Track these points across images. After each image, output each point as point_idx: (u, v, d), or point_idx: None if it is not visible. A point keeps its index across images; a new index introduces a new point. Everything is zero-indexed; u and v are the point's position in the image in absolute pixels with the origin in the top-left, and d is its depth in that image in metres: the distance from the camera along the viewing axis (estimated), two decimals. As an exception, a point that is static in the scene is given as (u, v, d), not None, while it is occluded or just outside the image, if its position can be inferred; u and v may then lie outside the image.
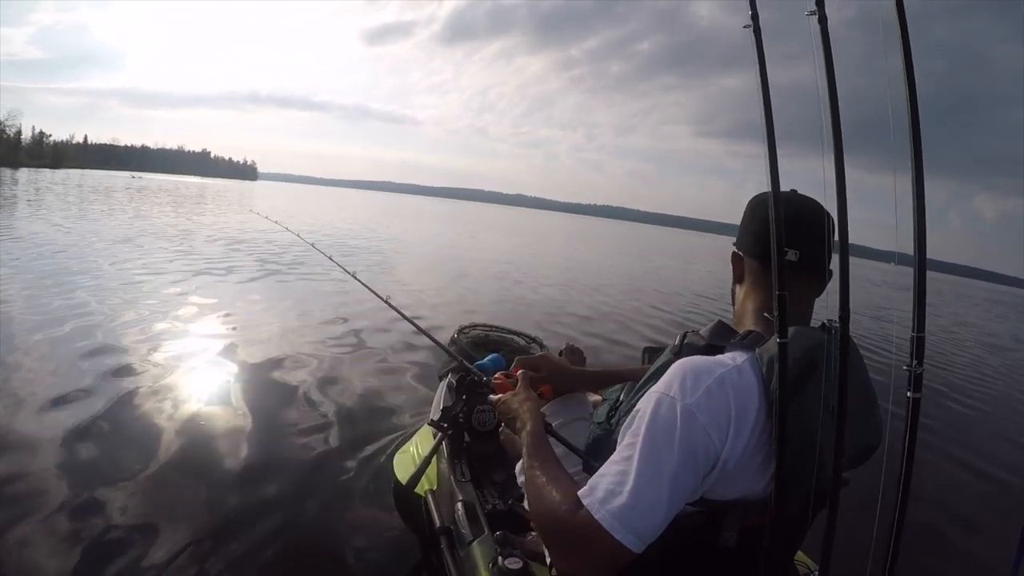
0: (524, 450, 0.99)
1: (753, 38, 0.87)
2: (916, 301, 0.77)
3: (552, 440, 1.06)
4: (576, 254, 17.59)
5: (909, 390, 0.79)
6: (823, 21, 0.80)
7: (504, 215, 66.66)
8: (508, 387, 1.23)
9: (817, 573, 1.16)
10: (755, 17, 0.88)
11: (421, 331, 1.97)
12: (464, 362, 1.66)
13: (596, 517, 0.73)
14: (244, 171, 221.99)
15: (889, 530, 0.85)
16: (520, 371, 1.27)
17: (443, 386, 2.18)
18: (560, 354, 1.60)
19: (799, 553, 1.24)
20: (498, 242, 18.51)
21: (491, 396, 1.22)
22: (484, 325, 2.55)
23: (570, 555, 0.79)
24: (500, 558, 1.25)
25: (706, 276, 15.52)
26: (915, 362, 0.77)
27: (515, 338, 2.46)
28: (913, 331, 0.77)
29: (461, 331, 2.43)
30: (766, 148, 0.85)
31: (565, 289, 8.64)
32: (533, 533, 1.43)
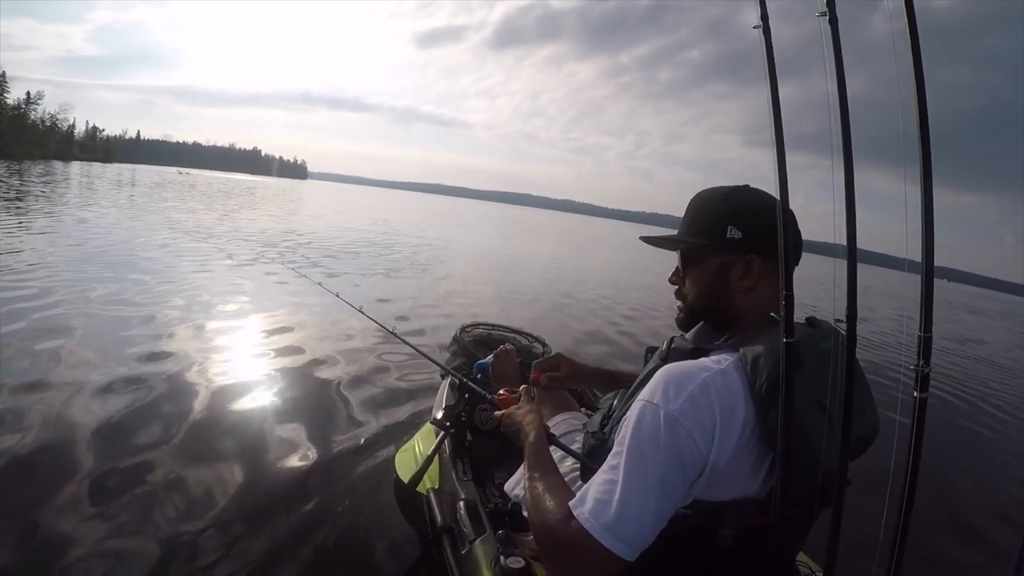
0: (525, 461, 1.01)
1: (762, 39, 0.87)
2: (923, 302, 0.77)
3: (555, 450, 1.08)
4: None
5: (916, 390, 0.79)
6: (834, 23, 0.80)
7: (555, 221, 65.78)
8: (512, 401, 1.27)
9: (820, 574, 1.16)
10: (764, 18, 0.88)
11: (429, 358, 2.06)
12: (469, 383, 1.70)
13: (586, 527, 0.74)
14: (295, 170, 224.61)
15: (894, 531, 0.85)
16: (523, 386, 1.32)
17: (445, 385, 2.18)
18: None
19: (801, 554, 1.24)
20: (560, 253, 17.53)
21: (495, 412, 1.24)
22: (487, 324, 2.55)
23: (565, 566, 0.80)
24: (502, 557, 1.24)
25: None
26: (922, 362, 0.77)
27: (517, 337, 2.46)
28: (920, 331, 0.78)
29: (464, 330, 2.43)
30: (774, 151, 0.85)
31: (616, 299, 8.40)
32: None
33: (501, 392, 1.36)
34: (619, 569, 0.74)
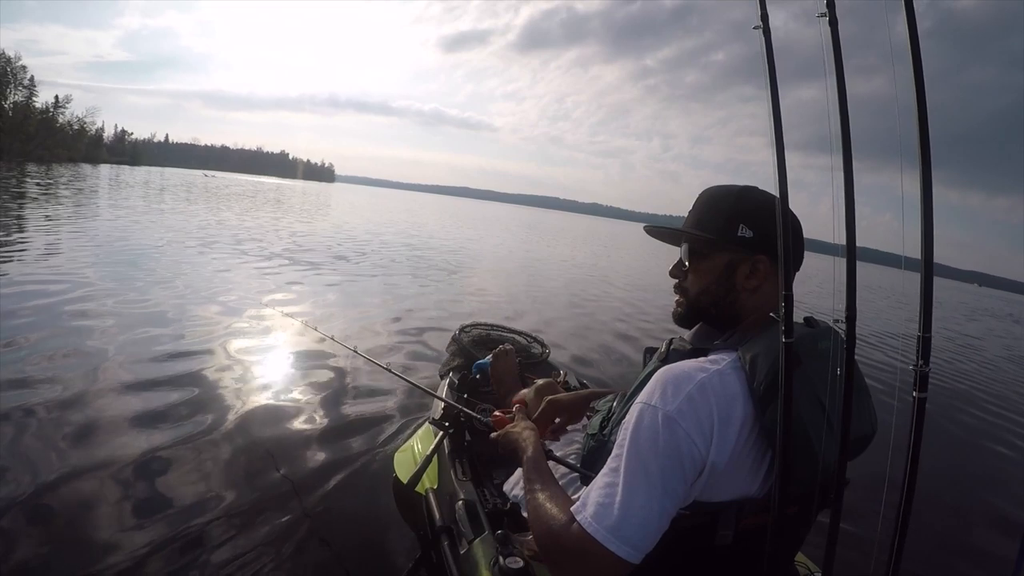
0: (524, 476, 1.00)
1: (762, 39, 0.88)
2: (923, 302, 0.78)
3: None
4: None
5: (915, 389, 0.79)
6: (833, 24, 0.81)
7: (582, 225, 64.20)
8: (507, 421, 1.29)
9: (819, 575, 1.16)
10: (764, 18, 0.88)
11: (420, 388, 1.98)
12: (464, 408, 1.67)
13: (589, 531, 0.74)
14: (322, 173, 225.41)
15: (892, 531, 0.85)
16: (516, 405, 1.34)
17: (444, 385, 2.18)
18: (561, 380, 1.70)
19: (800, 555, 1.24)
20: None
21: (492, 435, 1.26)
22: (485, 324, 2.56)
23: (570, 572, 0.80)
24: (501, 557, 1.24)
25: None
26: (921, 362, 0.77)
27: (516, 337, 2.47)
28: (919, 331, 0.78)
29: (463, 330, 2.43)
30: (774, 152, 0.86)
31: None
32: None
33: (496, 413, 1.39)
34: (625, 572, 0.73)
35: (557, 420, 1.36)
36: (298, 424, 2.59)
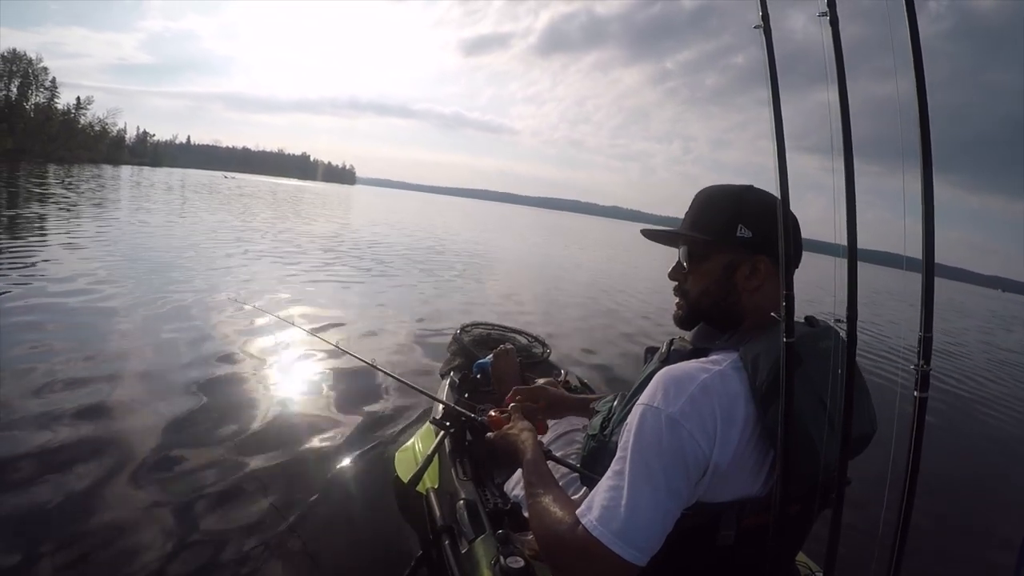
0: (524, 479, 1.01)
1: (763, 39, 0.88)
2: (924, 301, 0.78)
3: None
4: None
5: (916, 389, 0.79)
6: (834, 23, 0.81)
7: (602, 228, 63.17)
8: (503, 421, 1.28)
9: (820, 574, 1.16)
10: (765, 18, 0.88)
11: (412, 387, 1.97)
12: (459, 408, 1.67)
13: (595, 535, 0.74)
14: (343, 175, 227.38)
15: (894, 532, 0.85)
16: (512, 403, 1.33)
17: (445, 384, 2.18)
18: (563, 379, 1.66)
19: (801, 554, 1.24)
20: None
21: (488, 435, 1.26)
22: (486, 324, 2.56)
23: (574, 575, 0.79)
24: (502, 557, 1.24)
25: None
26: (922, 362, 0.77)
27: (517, 337, 2.47)
28: (921, 331, 0.78)
29: (464, 329, 2.43)
30: (774, 151, 0.86)
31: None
32: (535, 532, 1.43)
33: (492, 412, 1.37)
34: (630, 574, 0.73)
35: (538, 404, 1.38)
36: (298, 425, 2.59)
